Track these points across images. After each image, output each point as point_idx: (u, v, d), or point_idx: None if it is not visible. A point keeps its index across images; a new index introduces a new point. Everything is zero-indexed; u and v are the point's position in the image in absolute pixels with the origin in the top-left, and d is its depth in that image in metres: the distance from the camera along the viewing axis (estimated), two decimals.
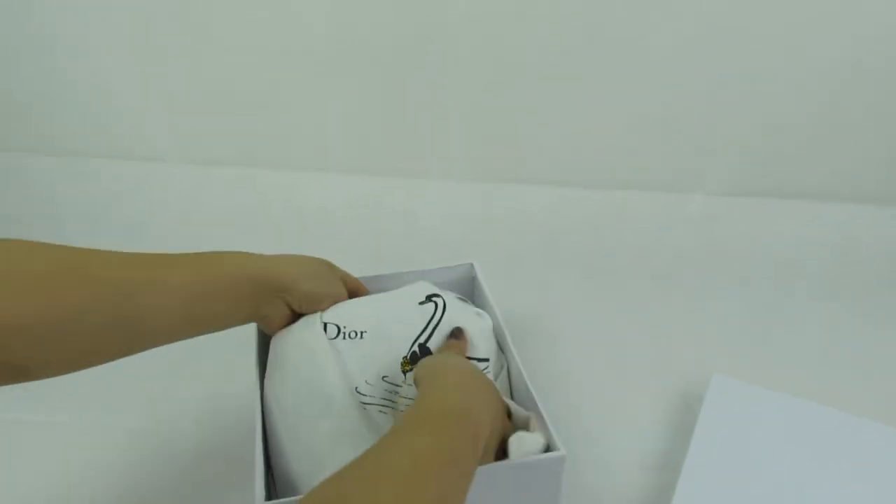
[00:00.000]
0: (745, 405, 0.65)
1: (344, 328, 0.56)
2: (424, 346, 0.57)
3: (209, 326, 0.51)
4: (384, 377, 0.55)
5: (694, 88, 0.88)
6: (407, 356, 0.56)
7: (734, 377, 0.68)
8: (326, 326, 0.56)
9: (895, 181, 0.92)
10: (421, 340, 0.57)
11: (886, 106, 0.86)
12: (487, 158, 0.98)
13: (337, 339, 0.56)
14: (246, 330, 0.58)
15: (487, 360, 0.59)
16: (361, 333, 0.56)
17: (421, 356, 0.56)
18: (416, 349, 0.56)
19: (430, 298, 0.60)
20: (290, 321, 0.58)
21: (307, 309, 0.58)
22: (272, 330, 0.58)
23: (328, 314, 0.58)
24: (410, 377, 0.55)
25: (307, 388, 0.54)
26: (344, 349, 0.55)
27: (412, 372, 0.55)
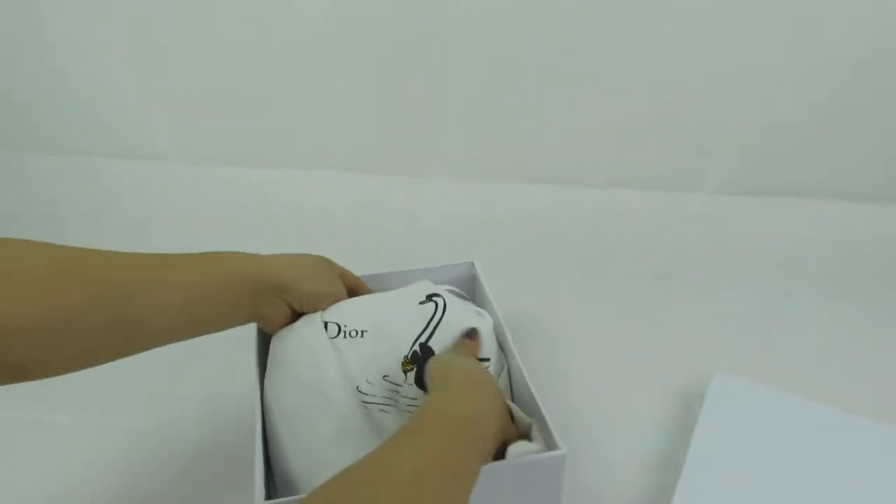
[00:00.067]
0: (746, 404, 0.65)
1: (344, 327, 0.56)
2: (425, 345, 0.57)
3: (209, 327, 0.51)
4: (385, 376, 0.55)
5: (694, 88, 0.88)
6: (408, 356, 0.56)
7: (735, 376, 0.68)
8: (327, 325, 0.56)
9: None
10: (422, 340, 0.57)
11: (888, 103, 0.86)
12: (488, 157, 0.98)
13: (337, 338, 0.56)
14: (246, 330, 0.58)
15: (488, 359, 0.59)
16: (362, 332, 0.56)
17: (422, 356, 0.56)
18: (416, 349, 0.56)
19: (430, 298, 0.60)
20: (290, 321, 0.58)
21: (308, 308, 0.58)
22: (272, 330, 0.58)
23: (328, 313, 0.58)
24: (411, 377, 0.55)
25: (308, 387, 0.53)
26: (344, 348, 0.55)
27: (413, 371, 0.55)
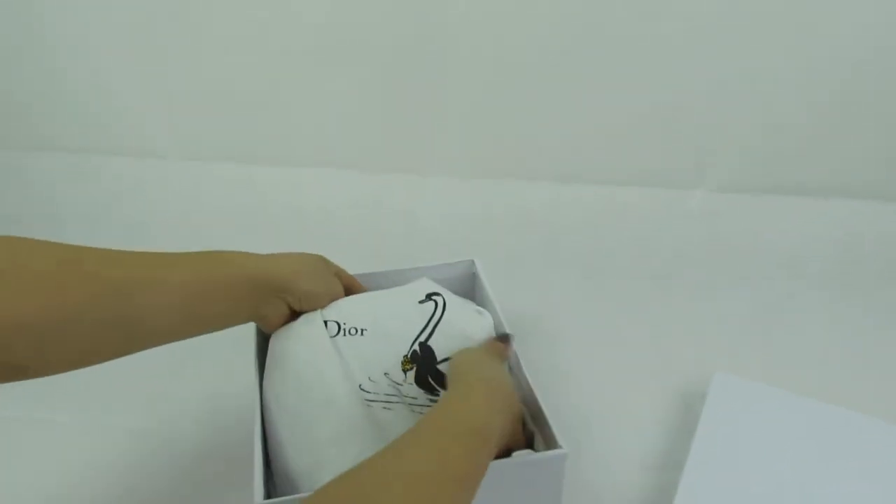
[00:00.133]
0: (747, 403, 0.65)
1: (344, 325, 0.56)
2: (425, 344, 0.56)
3: (209, 326, 0.51)
4: (386, 373, 0.55)
5: (694, 87, 0.88)
6: (407, 355, 0.56)
7: (736, 375, 0.68)
8: (327, 324, 0.56)
9: None
10: (421, 339, 0.57)
11: (888, 103, 0.86)
12: (488, 157, 0.98)
13: (338, 336, 0.56)
14: (245, 329, 0.58)
15: None
16: (362, 331, 0.56)
17: (421, 355, 0.56)
18: (416, 348, 0.56)
19: (430, 297, 0.59)
20: (288, 320, 0.58)
21: (306, 307, 0.58)
22: (271, 329, 0.58)
23: (328, 311, 0.58)
24: (411, 376, 0.55)
25: (309, 385, 0.53)
26: (345, 346, 0.55)
27: (413, 370, 0.55)
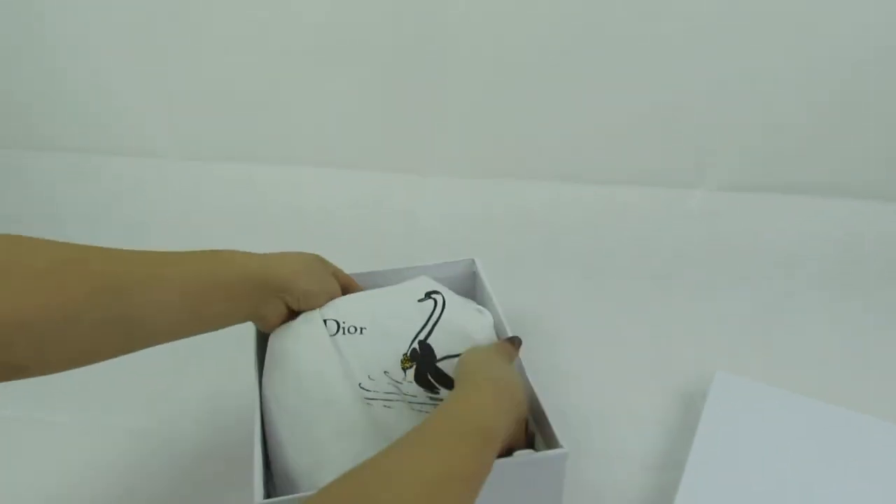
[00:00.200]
0: (748, 402, 0.65)
1: (343, 324, 0.56)
2: (425, 342, 0.56)
3: (209, 325, 0.51)
4: (385, 372, 0.55)
5: (694, 87, 0.88)
6: (407, 353, 0.56)
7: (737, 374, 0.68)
8: (326, 323, 0.56)
9: None
10: (421, 337, 0.57)
11: (888, 102, 0.85)
12: (488, 156, 0.98)
13: (337, 335, 0.56)
14: (245, 329, 0.58)
15: None
16: (361, 329, 0.56)
17: (421, 353, 0.56)
18: (416, 346, 0.56)
19: (429, 295, 0.59)
20: (286, 320, 0.58)
21: (305, 307, 0.57)
22: (269, 329, 0.58)
23: (327, 310, 0.58)
24: (411, 374, 0.55)
25: (309, 384, 0.53)
26: (344, 345, 0.55)
27: (413, 369, 0.55)
